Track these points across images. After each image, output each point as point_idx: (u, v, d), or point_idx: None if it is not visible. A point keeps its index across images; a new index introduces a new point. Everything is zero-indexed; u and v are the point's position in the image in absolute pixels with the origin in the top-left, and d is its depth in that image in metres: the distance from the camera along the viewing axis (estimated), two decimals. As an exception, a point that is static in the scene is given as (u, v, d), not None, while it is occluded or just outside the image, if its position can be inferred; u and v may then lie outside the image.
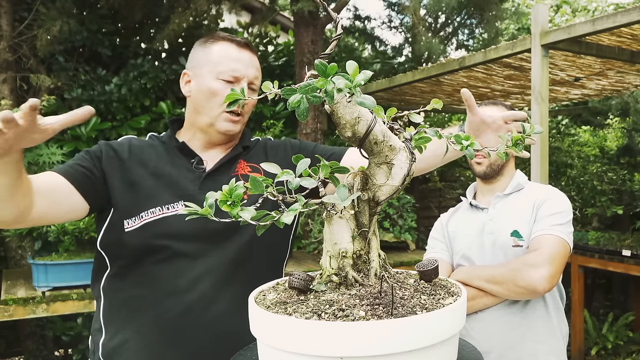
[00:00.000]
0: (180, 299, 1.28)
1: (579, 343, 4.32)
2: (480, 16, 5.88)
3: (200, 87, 1.37)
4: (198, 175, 1.36)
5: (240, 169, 1.41)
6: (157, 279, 1.30)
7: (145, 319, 1.29)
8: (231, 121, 1.38)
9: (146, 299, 1.30)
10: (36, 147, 3.48)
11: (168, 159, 1.39)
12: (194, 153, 1.39)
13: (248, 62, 1.39)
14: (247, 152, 1.45)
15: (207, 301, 1.30)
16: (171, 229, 1.29)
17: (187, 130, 1.44)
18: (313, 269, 3.21)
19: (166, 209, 1.31)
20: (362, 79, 0.69)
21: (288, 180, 0.75)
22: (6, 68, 4.10)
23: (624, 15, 2.89)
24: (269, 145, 1.50)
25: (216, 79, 1.35)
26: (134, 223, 1.30)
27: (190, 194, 1.32)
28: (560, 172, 5.85)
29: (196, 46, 1.43)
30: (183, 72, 1.42)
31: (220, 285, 1.31)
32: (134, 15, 4.77)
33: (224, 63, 1.36)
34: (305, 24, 4.70)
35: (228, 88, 1.35)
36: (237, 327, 1.30)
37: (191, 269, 1.30)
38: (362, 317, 0.72)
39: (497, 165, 1.74)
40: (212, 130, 1.39)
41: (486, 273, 1.59)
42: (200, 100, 1.37)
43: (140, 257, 1.30)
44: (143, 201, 1.31)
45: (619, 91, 5.16)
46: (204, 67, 1.37)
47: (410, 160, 0.85)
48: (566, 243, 1.57)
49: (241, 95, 0.76)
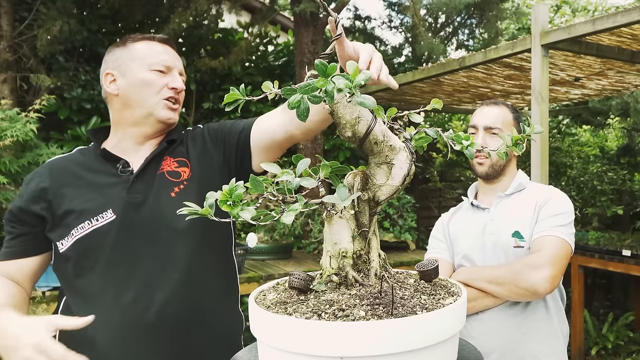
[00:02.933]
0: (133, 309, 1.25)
1: (579, 343, 4.32)
2: (480, 16, 5.88)
3: (132, 81, 1.35)
4: (125, 179, 1.33)
5: (166, 166, 1.38)
6: (101, 292, 1.27)
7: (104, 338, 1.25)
8: (171, 109, 1.37)
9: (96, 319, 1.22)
10: (36, 147, 3.48)
11: (93, 167, 1.36)
12: (117, 157, 1.36)
13: (174, 55, 1.41)
14: (173, 147, 1.41)
15: (161, 304, 1.27)
16: (102, 239, 1.27)
17: (114, 134, 1.41)
18: (313, 269, 3.21)
19: (95, 221, 1.28)
20: (362, 79, 0.69)
21: (288, 180, 0.75)
22: (6, 68, 4.11)
23: (624, 15, 2.88)
24: (190, 136, 1.46)
25: (148, 70, 1.35)
26: (67, 242, 1.29)
27: (119, 199, 1.30)
28: (560, 172, 5.85)
29: (113, 49, 1.40)
30: (105, 73, 1.38)
31: (168, 285, 1.28)
32: (134, 15, 4.77)
33: (152, 56, 1.36)
34: (305, 24, 4.70)
35: (161, 78, 1.35)
36: (208, 320, 1.33)
37: (131, 276, 1.27)
38: (362, 317, 0.72)
39: (499, 165, 1.73)
40: (150, 121, 1.37)
41: (487, 274, 1.58)
42: (134, 94, 1.35)
43: (80, 273, 1.29)
44: (71, 222, 1.29)
45: (619, 91, 5.16)
46: (130, 63, 1.35)
47: (410, 160, 0.85)
48: (568, 244, 1.57)
49: (241, 95, 0.76)
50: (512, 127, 1.71)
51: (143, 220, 1.30)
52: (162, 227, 1.30)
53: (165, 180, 1.35)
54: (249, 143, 1.38)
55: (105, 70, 1.39)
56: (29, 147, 3.42)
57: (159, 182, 1.34)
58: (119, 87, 1.36)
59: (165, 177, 1.36)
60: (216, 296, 1.38)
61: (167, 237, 1.30)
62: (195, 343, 1.31)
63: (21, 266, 1.35)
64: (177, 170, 1.38)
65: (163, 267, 1.29)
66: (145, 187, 1.33)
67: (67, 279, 1.33)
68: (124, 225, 1.28)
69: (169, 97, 1.36)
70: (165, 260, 1.29)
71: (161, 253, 1.29)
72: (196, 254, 1.33)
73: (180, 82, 1.38)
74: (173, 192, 1.34)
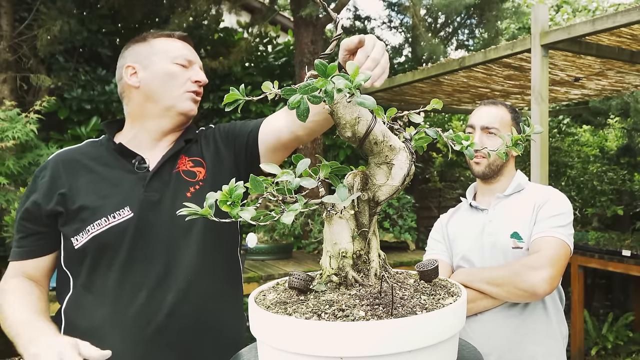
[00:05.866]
0: (148, 306, 1.26)
1: (579, 343, 4.31)
2: (480, 16, 5.88)
3: (155, 74, 1.35)
4: (142, 176, 1.32)
5: (182, 165, 1.37)
6: (116, 291, 1.26)
7: (114, 339, 1.24)
8: (194, 101, 1.38)
9: (108, 318, 1.26)
10: (36, 148, 3.48)
11: (107, 162, 1.35)
12: (133, 153, 1.35)
13: (193, 51, 1.43)
14: (189, 146, 1.41)
15: (172, 305, 1.27)
16: (119, 237, 1.27)
17: (130, 128, 1.40)
18: (313, 269, 3.20)
19: (112, 218, 1.27)
20: (362, 80, 0.69)
21: (288, 180, 0.75)
22: (6, 68, 4.11)
23: (624, 15, 2.88)
24: (203, 136, 1.47)
25: (172, 63, 1.36)
26: (82, 238, 1.27)
27: (136, 197, 1.29)
28: (560, 172, 5.85)
29: (132, 45, 1.40)
30: (125, 66, 1.37)
31: (184, 287, 1.29)
32: (134, 15, 4.77)
33: (175, 50, 1.37)
34: (305, 24, 4.70)
35: (185, 71, 1.37)
36: (216, 320, 1.32)
37: (145, 275, 1.27)
38: (362, 317, 0.72)
39: (496, 165, 1.73)
40: (171, 114, 1.36)
41: (486, 275, 1.58)
42: (157, 86, 1.34)
43: (95, 271, 1.28)
44: (87, 217, 1.27)
45: (619, 91, 5.16)
46: (153, 57, 1.36)
47: (410, 160, 0.85)
48: (567, 245, 1.56)
49: (241, 95, 0.76)
50: (510, 127, 1.71)
51: (160, 219, 1.29)
52: (177, 227, 1.29)
53: (181, 179, 1.35)
54: (257, 144, 1.39)
55: (125, 64, 1.37)
56: (29, 148, 3.42)
57: (176, 181, 1.34)
58: (141, 80, 1.35)
59: (181, 177, 1.35)
60: (223, 297, 1.38)
61: (181, 238, 1.30)
62: (202, 344, 1.31)
63: (38, 265, 1.35)
64: (193, 170, 1.38)
65: (176, 268, 1.29)
66: (161, 186, 1.32)
67: (79, 276, 1.30)
68: (142, 224, 1.28)
69: (193, 90, 1.37)
70: (179, 261, 1.29)
71: (175, 253, 1.29)
72: (207, 255, 1.33)
73: (203, 76, 1.40)
74: (189, 192, 1.33)
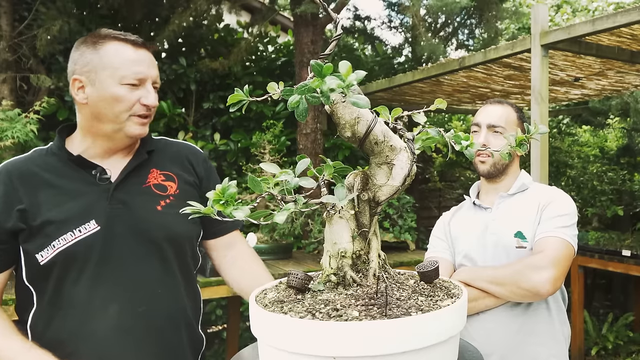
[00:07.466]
0: (115, 322, 1.25)
1: (579, 343, 4.31)
2: (480, 16, 5.87)
3: (101, 94, 1.25)
4: (104, 188, 1.29)
5: (153, 179, 1.36)
6: (85, 305, 1.24)
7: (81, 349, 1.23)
8: (142, 124, 1.30)
9: (79, 331, 1.24)
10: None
11: (66, 174, 1.29)
12: (93, 164, 1.30)
13: (149, 61, 1.30)
14: (153, 158, 1.38)
15: (144, 316, 1.28)
16: (86, 251, 1.24)
17: (83, 138, 1.33)
18: (313, 269, 3.20)
19: (78, 232, 1.24)
20: (355, 79, 0.69)
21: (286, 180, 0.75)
22: (6, 68, 4.10)
23: (624, 15, 2.88)
24: (190, 154, 1.46)
25: (119, 84, 1.25)
26: (47, 254, 1.23)
27: (101, 209, 1.26)
28: (560, 172, 5.84)
29: (81, 47, 1.28)
30: (73, 78, 1.28)
31: (150, 297, 1.29)
32: (134, 15, 4.76)
33: (125, 66, 1.25)
34: (305, 24, 4.69)
35: (133, 92, 1.27)
36: (185, 321, 1.35)
37: (115, 288, 1.26)
38: (356, 317, 0.72)
39: (501, 164, 1.72)
40: (120, 136, 1.30)
41: (489, 274, 1.57)
42: (103, 108, 1.26)
43: (62, 285, 1.25)
44: (52, 232, 1.23)
45: (619, 91, 5.15)
46: (101, 72, 1.25)
47: (411, 160, 0.85)
48: (570, 246, 1.56)
49: (245, 96, 0.76)
50: (515, 126, 1.70)
51: (127, 231, 1.28)
52: (145, 240, 1.29)
53: (151, 193, 1.34)
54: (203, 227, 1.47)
55: (73, 74, 1.28)
56: (28, 148, 3.41)
57: (145, 194, 1.33)
58: (88, 97, 1.27)
59: (151, 190, 1.34)
60: (187, 314, 1.39)
61: (148, 250, 1.30)
62: (175, 346, 1.34)
63: None
64: (164, 184, 1.37)
65: (145, 280, 1.29)
66: (126, 198, 1.31)
67: (45, 292, 1.26)
68: (109, 237, 1.26)
69: (140, 114, 1.29)
70: (147, 273, 1.30)
71: (143, 266, 1.29)
72: (171, 270, 1.34)
73: (153, 98, 1.29)
74: (159, 206, 1.33)
